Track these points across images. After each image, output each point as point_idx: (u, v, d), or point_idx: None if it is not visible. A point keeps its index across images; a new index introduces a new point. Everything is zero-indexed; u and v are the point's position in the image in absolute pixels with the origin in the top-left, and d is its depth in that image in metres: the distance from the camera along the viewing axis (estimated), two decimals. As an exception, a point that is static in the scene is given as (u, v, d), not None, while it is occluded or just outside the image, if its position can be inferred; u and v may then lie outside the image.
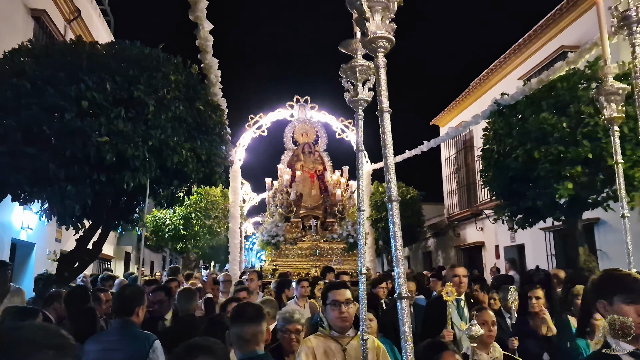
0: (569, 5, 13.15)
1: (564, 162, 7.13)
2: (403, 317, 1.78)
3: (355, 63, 2.62)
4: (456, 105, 20.21)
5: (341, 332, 3.26)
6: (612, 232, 11.12)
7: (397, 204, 1.86)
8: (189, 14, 7.06)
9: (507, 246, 16.50)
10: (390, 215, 1.85)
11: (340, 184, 14.02)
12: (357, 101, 2.67)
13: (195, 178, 6.65)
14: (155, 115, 5.79)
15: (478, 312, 4.16)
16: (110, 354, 3.40)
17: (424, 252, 23.78)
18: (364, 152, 2.66)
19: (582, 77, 7.71)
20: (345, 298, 3.24)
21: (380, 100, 1.95)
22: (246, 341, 2.67)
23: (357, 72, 2.63)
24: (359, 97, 2.65)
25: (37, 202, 6.28)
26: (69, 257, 6.92)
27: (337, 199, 13.64)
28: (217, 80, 8.05)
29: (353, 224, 13.10)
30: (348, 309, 3.23)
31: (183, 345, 2.09)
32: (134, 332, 3.59)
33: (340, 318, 3.22)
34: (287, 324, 3.81)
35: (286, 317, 3.86)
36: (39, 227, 11.14)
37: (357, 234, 13.14)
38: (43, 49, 6.21)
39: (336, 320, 3.23)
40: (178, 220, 19.85)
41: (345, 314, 3.22)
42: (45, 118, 5.32)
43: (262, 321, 2.77)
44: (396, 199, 1.86)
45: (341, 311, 3.21)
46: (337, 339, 3.24)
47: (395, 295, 1.83)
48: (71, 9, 13.43)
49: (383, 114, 1.94)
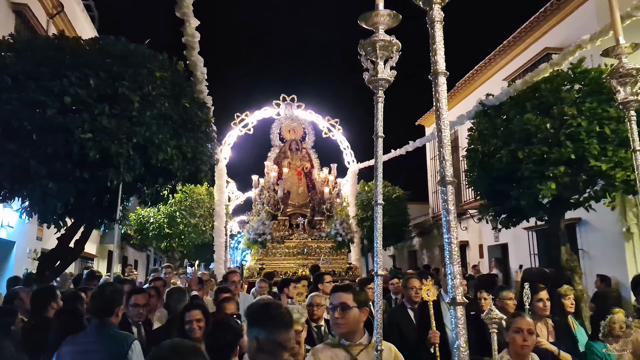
0: (553, 8, 13.28)
1: (547, 162, 7.19)
2: (458, 328, 1.55)
3: (376, 38, 2.31)
4: (441, 105, 20.30)
5: (346, 339, 3.07)
6: (593, 232, 11.26)
7: (452, 187, 1.64)
8: (175, 10, 7.01)
9: (490, 245, 16.63)
10: (444, 198, 1.63)
11: (328, 181, 13.88)
12: (378, 81, 2.37)
13: (180, 176, 6.59)
14: (140, 112, 5.72)
15: (513, 317, 3.75)
16: (89, 355, 3.32)
17: (409, 251, 23.89)
18: (381, 138, 2.38)
19: (565, 78, 7.78)
20: (340, 302, 3.08)
21: (435, 61, 1.73)
22: (283, 347, 2.49)
23: (378, 48, 2.32)
24: (380, 76, 2.35)
25: (18, 199, 6.19)
26: (50, 255, 6.82)
27: (325, 197, 13.47)
28: (203, 78, 8.01)
29: (342, 222, 12.97)
30: (344, 314, 3.05)
31: (167, 346, 1.92)
32: (112, 332, 3.50)
33: (334, 324, 3.12)
34: None
35: None
36: (20, 225, 10.98)
37: (345, 232, 13.07)
38: (25, 43, 6.11)
39: (332, 325, 3.15)
40: (163, 218, 19.71)
41: (338, 319, 3.06)
42: (26, 114, 5.22)
43: (293, 326, 2.71)
44: (451, 180, 1.63)
45: (334, 316, 3.09)
46: (347, 347, 3.04)
47: (448, 300, 1.75)
48: (54, 3, 13.27)
49: (438, 77, 1.72)
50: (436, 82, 1.68)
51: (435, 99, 1.67)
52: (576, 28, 12.10)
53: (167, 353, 1.88)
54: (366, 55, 2.38)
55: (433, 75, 1.70)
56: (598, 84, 7.37)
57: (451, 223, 1.59)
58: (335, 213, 13.55)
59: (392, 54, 2.37)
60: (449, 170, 1.63)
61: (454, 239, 1.59)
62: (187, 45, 7.55)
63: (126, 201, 7.81)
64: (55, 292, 5.21)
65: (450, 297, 1.57)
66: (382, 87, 2.39)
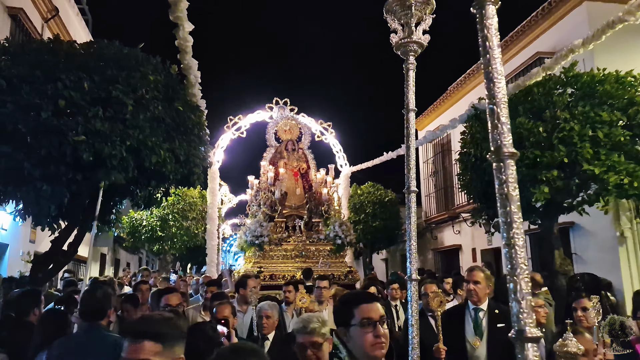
0: (545, 13, 13.38)
1: (539, 166, 7.21)
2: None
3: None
4: (434, 109, 20.40)
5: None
6: (587, 236, 11.32)
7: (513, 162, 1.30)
8: (169, 14, 7.01)
9: (484, 249, 16.67)
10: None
11: (326, 182, 13.55)
12: (408, 44, 2.03)
13: (173, 179, 6.59)
14: (134, 115, 5.72)
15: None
16: (79, 358, 3.28)
17: (402, 255, 23.90)
18: (413, 112, 2.01)
19: (557, 82, 7.83)
20: (380, 315, 2.35)
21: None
22: None
23: (409, 7, 2.00)
24: (412, 38, 2.03)
25: (12, 202, 6.18)
26: (43, 258, 6.81)
27: (323, 198, 13.17)
28: (196, 81, 8.01)
29: (341, 225, 12.67)
30: (385, 330, 2.35)
31: (228, 348, 2.03)
32: (103, 335, 3.46)
33: (378, 343, 2.29)
34: (301, 335, 3.00)
35: (299, 327, 3.05)
36: (13, 227, 10.94)
37: (344, 235, 12.73)
38: (19, 46, 6.10)
39: (371, 347, 2.29)
40: (155, 221, 19.68)
41: (382, 338, 2.31)
42: (20, 116, 5.22)
43: None
44: (511, 153, 1.28)
45: (377, 333, 2.28)
46: None
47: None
48: (49, 7, 13.26)
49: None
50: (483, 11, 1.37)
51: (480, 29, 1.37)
52: (568, 32, 12.20)
53: (227, 354, 1.95)
54: (393, 16, 2.07)
55: (477, 6, 1.38)
56: (590, 88, 7.43)
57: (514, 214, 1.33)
58: (333, 215, 13.29)
59: (425, 16, 2.05)
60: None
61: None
62: (180, 48, 7.55)
63: (119, 204, 7.80)
64: (40, 297, 5.16)
65: (515, 330, 1.17)
66: (413, 53, 2.07)
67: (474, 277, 4.35)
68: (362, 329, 2.28)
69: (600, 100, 7.28)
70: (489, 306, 4.32)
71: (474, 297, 4.31)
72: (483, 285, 4.31)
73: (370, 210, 19.79)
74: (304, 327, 2.98)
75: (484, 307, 4.29)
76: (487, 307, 4.30)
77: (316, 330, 2.94)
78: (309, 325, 2.96)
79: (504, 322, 4.13)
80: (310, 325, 2.95)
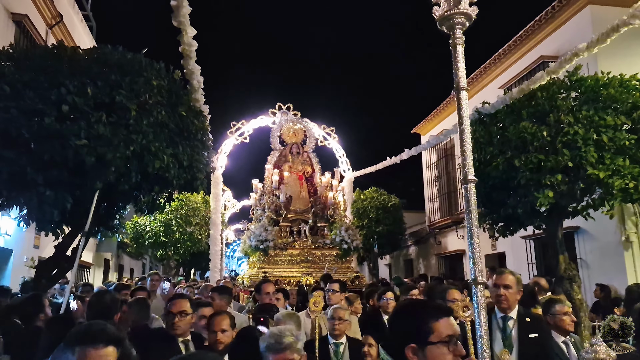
0: (549, 17, 13.36)
1: (544, 170, 7.18)
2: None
3: None
4: (437, 113, 20.38)
5: None
6: (592, 240, 11.26)
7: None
8: (172, 19, 7.02)
9: (488, 254, 16.60)
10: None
11: (332, 186, 13.42)
12: (454, 17, 1.83)
13: (176, 184, 6.59)
14: (137, 120, 5.72)
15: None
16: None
17: (405, 260, 23.85)
18: (465, 90, 1.76)
19: (561, 86, 7.81)
20: (455, 330, 1.94)
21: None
22: None
23: None
24: (459, 9, 1.81)
25: (16, 207, 6.18)
26: (47, 263, 6.80)
27: (329, 202, 13.05)
28: (199, 86, 8.00)
29: (347, 229, 12.53)
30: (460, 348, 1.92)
31: None
32: None
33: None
34: (272, 353, 2.56)
35: (270, 343, 2.60)
36: (17, 233, 10.97)
37: (351, 239, 12.57)
38: (23, 52, 6.13)
39: None
40: (159, 227, 19.69)
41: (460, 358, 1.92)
42: (24, 122, 5.22)
43: None
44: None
45: (459, 352, 1.90)
46: None
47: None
48: (53, 14, 13.33)
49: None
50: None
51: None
52: (572, 36, 12.19)
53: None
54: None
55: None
56: (594, 92, 7.40)
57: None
58: (338, 219, 13.11)
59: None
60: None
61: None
62: (184, 54, 7.55)
63: (122, 209, 7.80)
64: (43, 302, 5.17)
65: None
66: (460, 26, 1.90)
67: (504, 281, 3.82)
68: (444, 348, 1.86)
69: (605, 104, 7.24)
70: (519, 314, 3.79)
71: (503, 303, 3.78)
72: (514, 290, 3.80)
73: (373, 215, 19.78)
74: (276, 342, 2.55)
75: (513, 315, 3.77)
76: (516, 314, 3.78)
77: (292, 345, 2.54)
78: (282, 340, 2.55)
79: (537, 332, 3.73)
80: (284, 339, 2.54)
